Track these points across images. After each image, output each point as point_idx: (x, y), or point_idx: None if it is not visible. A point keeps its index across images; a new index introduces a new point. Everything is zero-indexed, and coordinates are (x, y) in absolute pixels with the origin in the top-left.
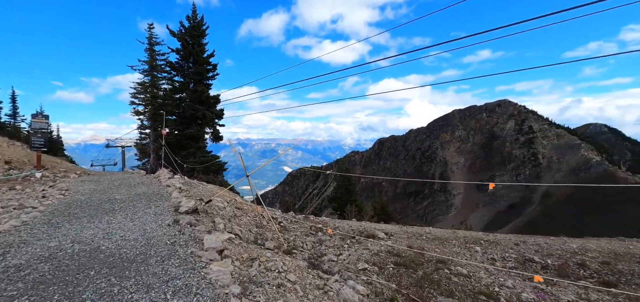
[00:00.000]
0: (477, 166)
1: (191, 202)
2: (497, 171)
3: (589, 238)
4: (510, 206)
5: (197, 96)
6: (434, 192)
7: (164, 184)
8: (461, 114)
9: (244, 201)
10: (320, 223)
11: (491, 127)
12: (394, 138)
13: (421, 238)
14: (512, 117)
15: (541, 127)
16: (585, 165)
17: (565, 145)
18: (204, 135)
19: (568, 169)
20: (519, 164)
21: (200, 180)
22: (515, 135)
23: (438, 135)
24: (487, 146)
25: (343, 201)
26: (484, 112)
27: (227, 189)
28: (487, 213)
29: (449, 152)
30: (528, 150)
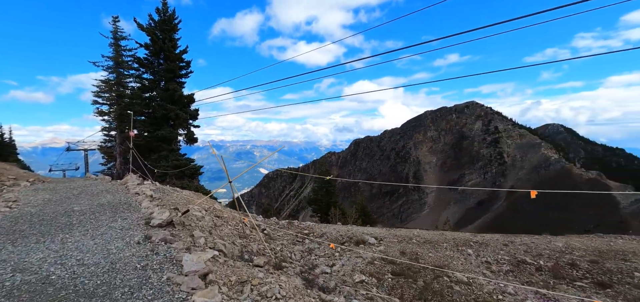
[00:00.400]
0: (448, 165)
1: (165, 213)
2: (467, 170)
3: (571, 235)
4: (479, 202)
5: (169, 95)
6: (408, 192)
7: (133, 192)
8: (433, 115)
9: (223, 208)
10: (307, 229)
11: (460, 127)
12: (369, 139)
13: (412, 242)
14: (479, 118)
15: (506, 127)
16: (545, 163)
17: (527, 145)
18: (177, 137)
19: (530, 166)
20: (486, 163)
21: (173, 186)
22: (482, 135)
23: (411, 135)
24: (457, 146)
25: (323, 203)
26: (453, 114)
27: (207, 197)
28: (458, 210)
29: (421, 152)
30: (494, 149)
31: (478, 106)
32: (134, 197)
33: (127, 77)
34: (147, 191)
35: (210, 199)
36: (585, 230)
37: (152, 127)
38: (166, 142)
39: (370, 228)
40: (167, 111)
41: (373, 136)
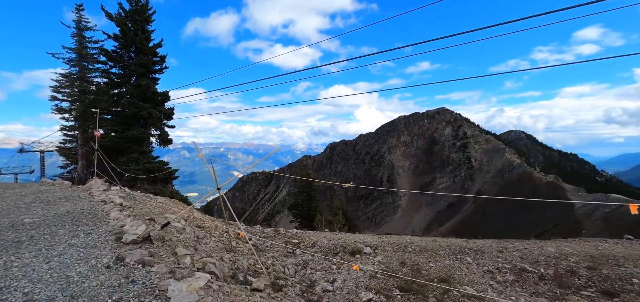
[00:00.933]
0: (420, 168)
1: (140, 226)
2: (438, 174)
3: (560, 240)
4: (449, 205)
5: (141, 92)
6: (383, 195)
7: (98, 199)
8: (406, 120)
9: (204, 217)
10: (296, 238)
11: (432, 132)
12: (345, 143)
13: (407, 251)
14: (449, 124)
15: (473, 133)
16: (509, 167)
17: (492, 150)
18: (149, 138)
19: (495, 170)
20: (456, 167)
21: (145, 192)
22: (452, 140)
23: (385, 140)
24: (428, 150)
25: (304, 208)
26: (425, 119)
27: (189, 207)
28: (430, 213)
29: (395, 156)
30: (463, 154)
31: (448, 112)
32: (100, 205)
33: (91, 72)
34: (115, 198)
35: (187, 207)
36: (546, 230)
37: (121, 127)
38: (137, 143)
39: (361, 235)
40: (138, 109)
41: (348, 140)
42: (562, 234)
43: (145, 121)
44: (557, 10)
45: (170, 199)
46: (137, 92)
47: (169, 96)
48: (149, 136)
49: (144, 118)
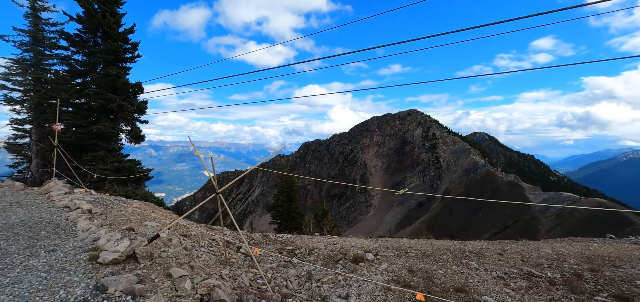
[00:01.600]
0: (392, 168)
1: (120, 239)
2: (408, 173)
3: (551, 240)
4: (419, 203)
5: (110, 82)
6: (356, 194)
7: (60, 204)
8: (378, 121)
9: (187, 222)
10: (289, 244)
11: (403, 133)
12: (319, 142)
13: (410, 256)
14: (419, 125)
15: (442, 134)
16: (474, 167)
17: (459, 150)
18: (118, 134)
19: (461, 170)
20: (425, 167)
21: (115, 195)
22: (422, 141)
23: (359, 140)
24: (400, 151)
25: (284, 208)
26: (397, 120)
27: (182, 217)
28: (401, 211)
29: (368, 156)
30: (432, 154)
31: (418, 114)
32: (63, 212)
33: (49, 58)
34: (82, 203)
35: (166, 211)
36: (506, 226)
37: (85, 121)
38: (104, 139)
39: (356, 239)
40: (106, 101)
41: (322, 140)
42: (521, 229)
43: (114, 115)
44: (516, 18)
45: (146, 202)
46: (105, 81)
47: (142, 88)
48: (119, 132)
49: (113, 111)
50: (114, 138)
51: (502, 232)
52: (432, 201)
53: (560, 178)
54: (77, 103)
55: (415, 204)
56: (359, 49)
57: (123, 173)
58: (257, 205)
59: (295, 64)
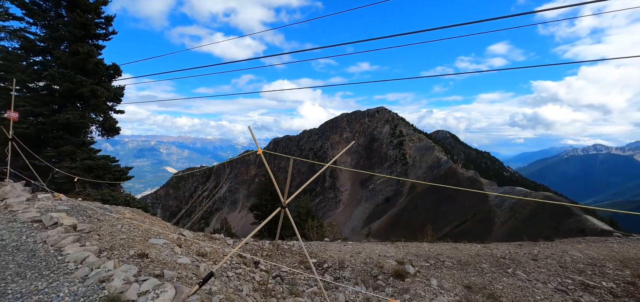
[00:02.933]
0: (360, 165)
1: (145, 281)
2: (377, 169)
3: (571, 241)
4: (386, 199)
5: (79, 62)
6: (325, 190)
7: (26, 217)
8: (348, 118)
9: (203, 235)
10: (312, 256)
11: (372, 130)
12: (289, 138)
13: (448, 266)
14: (387, 123)
15: (408, 131)
16: (438, 163)
17: (424, 147)
18: (88, 125)
19: (426, 166)
20: (392, 163)
21: (88, 198)
22: (390, 138)
23: (328, 136)
24: (368, 147)
25: (269, 208)
26: (366, 117)
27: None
28: (369, 206)
29: (337, 152)
30: (399, 151)
31: (386, 112)
32: (36, 231)
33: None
34: (61, 216)
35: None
36: (467, 219)
37: (47, 108)
38: (72, 131)
39: (375, 245)
40: (75, 85)
41: (292, 136)
42: (480, 221)
43: (84, 102)
44: (473, 22)
45: (131, 208)
46: (73, 62)
47: (120, 70)
48: (89, 123)
49: (83, 98)
50: (83, 130)
51: (463, 225)
52: (398, 196)
53: (512, 174)
54: (34, 87)
55: (382, 200)
56: (329, 44)
57: (97, 172)
58: (225, 202)
59: (265, 58)
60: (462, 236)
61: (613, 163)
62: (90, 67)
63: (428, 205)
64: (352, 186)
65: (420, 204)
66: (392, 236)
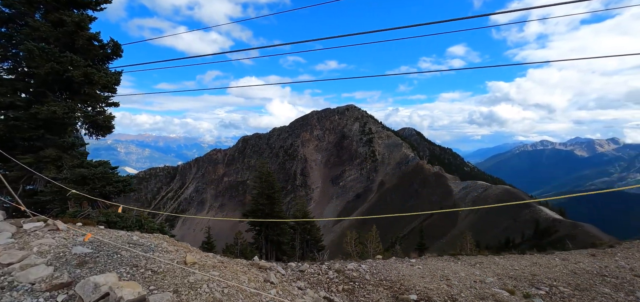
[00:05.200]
0: (331, 162)
1: None
2: (347, 166)
3: (608, 251)
4: (357, 195)
5: (65, 36)
6: (296, 188)
7: (31, 279)
8: (318, 115)
9: (251, 264)
10: (401, 288)
11: (342, 128)
12: (258, 136)
13: (567, 295)
14: (357, 120)
15: (377, 129)
16: (405, 160)
17: (392, 144)
18: (75, 122)
19: (395, 163)
20: (362, 160)
21: (89, 222)
22: (359, 135)
23: (299, 134)
24: (339, 145)
25: (266, 213)
26: (336, 115)
27: None
28: (340, 203)
29: (308, 149)
30: (369, 148)
31: (356, 109)
32: None
33: None
34: (108, 278)
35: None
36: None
37: (21, 99)
38: (54, 129)
39: (467, 267)
40: (62, 66)
41: (262, 133)
42: (445, 215)
43: (72, 91)
44: (434, 22)
45: (165, 236)
46: (55, 35)
47: (121, 49)
48: (79, 118)
49: (74, 84)
50: (69, 128)
51: (429, 219)
52: (368, 192)
53: (472, 168)
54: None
55: (353, 196)
56: (298, 40)
57: (93, 184)
58: (191, 203)
59: (231, 53)
60: (429, 229)
61: (557, 157)
62: (81, 43)
63: (397, 200)
64: (323, 184)
65: (390, 200)
66: (364, 231)
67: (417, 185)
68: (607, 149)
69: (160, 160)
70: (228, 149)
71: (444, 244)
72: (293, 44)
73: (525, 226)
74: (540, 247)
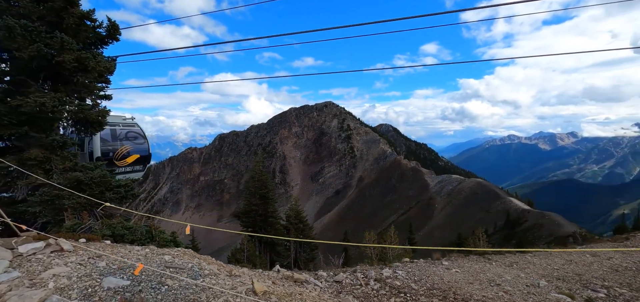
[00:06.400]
0: (310, 159)
1: None
2: (326, 163)
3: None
4: (336, 191)
5: (51, 12)
6: (276, 186)
7: None
8: (296, 112)
9: (285, 277)
10: (397, 283)
11: (320, 124)
12: (235, 133)
13: (617, 293)
14: (335, 117)
15: (355, 125)
16: (383, 155)
17: (370, 141)
18: (61, 116)
19: (373, 158)
20: (341, 156)
21: (96, 238)
22: (338, 132)
23: (277, 131)
24: (317, 141)
25: (260, 214)
26: (314, 111)
27: None
28: (319, 200)
29: (287, 147)
30: (347, 144)
31: (334, 106)
32: None
33: None
34: None
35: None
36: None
37: None
38: (38, 125)
39: (508, 270)
40: (51, 48)
41: (239, 131)
42: (422, 209)
43: (61, 79)
44: (407, 17)
45: (189, 250)
46: (40, 13)
47: (118, 31)
48: (67, 112)
49: (68, 70)
50: (55, 123)
51: (407, 213)
52: (348, 188)
53: (446, 163)
54: None
55: (332, 193)
56: (274, 34)
57: (91, 190)
58: (166, 203)
59: (205, 46)
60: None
61: (523, 151)
62: (71, 23)
63: (375, 196)
64: (303, 181)
65: (368, 195)
66: (343, 227)
67: (395, 180)
68: (567, 142)
69: None
70: (204, 147)
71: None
72: (269, 37)
73: (497, 217)
74: (509, 236)
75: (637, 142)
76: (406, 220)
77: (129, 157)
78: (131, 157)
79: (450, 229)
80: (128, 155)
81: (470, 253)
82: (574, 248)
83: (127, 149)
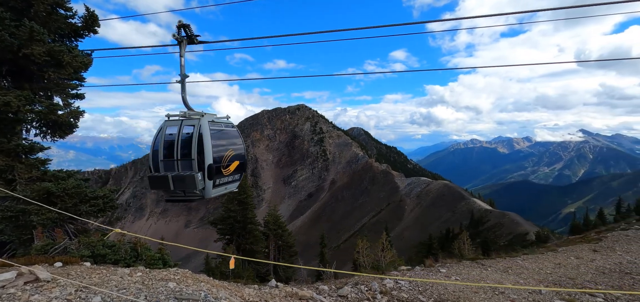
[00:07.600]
0: (283, 162)
1: None
2: (299, 166)
3: None
4: (309, 194)
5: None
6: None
7: None
8: (269, 115)
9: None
10: (405, 295)
11: (293, 127)
12: None
13: None
14: (308, 120)
15: (328, 128)
16: (355, 158)
17: (342, 144)
18: (26, 117)
19: (345, 161)
20: (314, 159)
21: (71, 259)
22: (311, 135)
23: (249, 133)
24: (290, 144)
25: (238, 220)
26: (287, 114)
27: None
28: (292, 203)
29: (259, 149)
30: (320, 147)
31: (307, 109)
32: None
33: None
34: None
35: None
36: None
37: None
38: (1, 128)
39: (505, 276)
40: (15, 38)
41: None
42: (393, 210)
43: (28, 75)
44: (378, 26)
45: (180, 270)
46: None
47: (97, 22)
48: (30, 113)
49: (37, 65)
50: (19, 125)
51: (379, 214)
52: (320, 191)
53: (414, 166)
54: None
55: (305, 195)
56: (246, 37)
57: (64, 203)
58: (128, 209)
59: (169, 45)
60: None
61: (484, 154)
62: (40, 10)
63: (348, 198)
64: (275, 184)
65: (341, 198)
66: (317, 230)
67: (366, 182)
68: (523, 146)
69: (89, 163)
70: None
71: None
72: (242, 40)
73: (463, 217)
74: (474, 235)
75: (582, 146)
76: (378, 222)
77: (232, 164)
78: (234, 164)
79: (420, 230)
80: (232, 161)
81: (464, 260)
82: (556, 250)
83: (231, 154)
